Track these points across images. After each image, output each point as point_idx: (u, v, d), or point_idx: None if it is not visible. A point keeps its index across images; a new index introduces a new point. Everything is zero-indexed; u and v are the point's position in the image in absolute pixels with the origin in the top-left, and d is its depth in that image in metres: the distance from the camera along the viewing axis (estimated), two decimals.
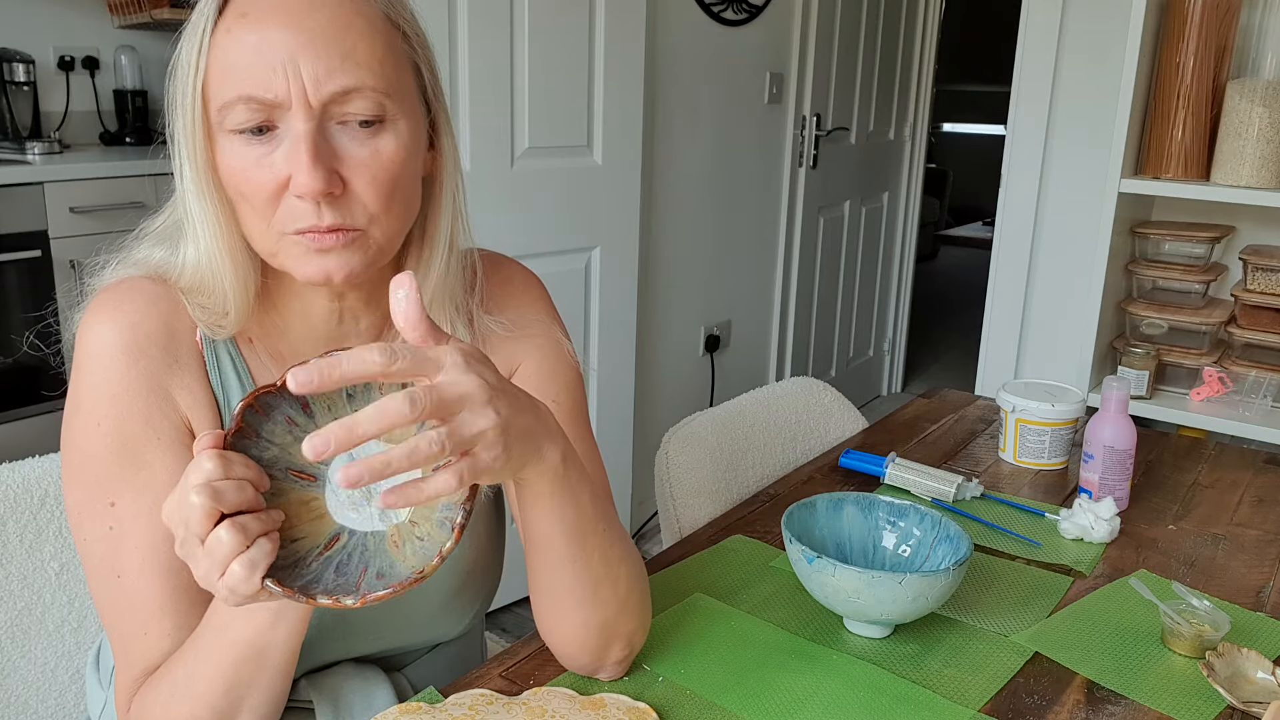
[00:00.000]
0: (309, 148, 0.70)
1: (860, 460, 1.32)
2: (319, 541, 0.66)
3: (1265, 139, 1.87)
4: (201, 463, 0.61)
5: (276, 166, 0.71)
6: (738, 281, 3.25)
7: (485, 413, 0.62)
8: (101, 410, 0.76)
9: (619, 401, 2.61)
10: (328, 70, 0.70)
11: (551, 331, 0.93)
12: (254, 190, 0.72)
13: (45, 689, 1.01)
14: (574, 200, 2.36)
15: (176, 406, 0.79)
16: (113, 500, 0.76)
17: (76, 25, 2.78)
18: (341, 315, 0.83)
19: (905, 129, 4.09)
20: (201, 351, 0.80)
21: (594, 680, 0.85)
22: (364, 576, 0.66)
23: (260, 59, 0.70)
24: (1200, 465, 1.40)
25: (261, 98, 0.70)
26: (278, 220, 0.73)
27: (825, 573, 0.88)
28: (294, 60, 0.70)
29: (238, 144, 0.72)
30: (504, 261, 0.95)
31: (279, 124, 0.71)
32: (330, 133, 0.72)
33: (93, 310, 0.78)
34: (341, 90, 0.71)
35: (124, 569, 0.76)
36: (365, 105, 0.72)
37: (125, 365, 0.76)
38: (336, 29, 0.71)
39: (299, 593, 0.64)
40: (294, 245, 0.74)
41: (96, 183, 2.28)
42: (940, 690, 0.86)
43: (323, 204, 0.72)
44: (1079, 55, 2.37)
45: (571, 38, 2.26)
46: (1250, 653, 0.88)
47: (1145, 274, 2.12)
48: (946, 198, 7.70)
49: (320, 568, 0.66)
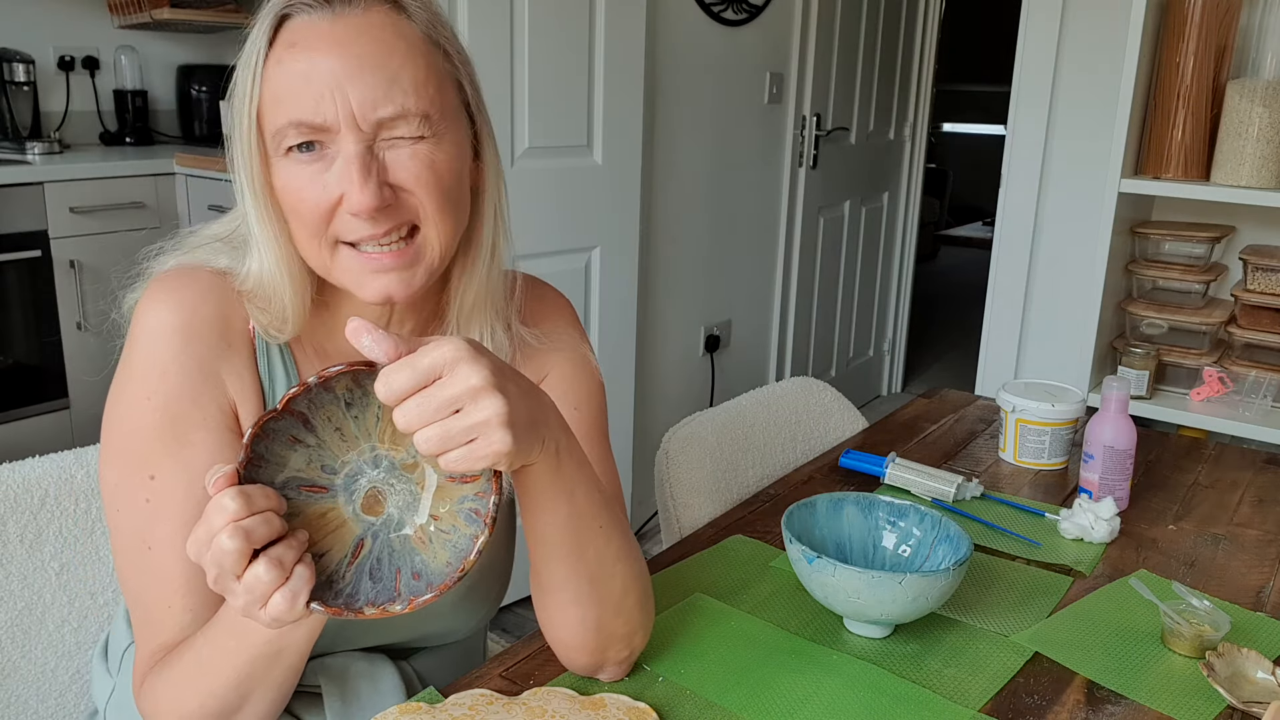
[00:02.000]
0: (359, 166, 0.73)
1: (860, 460, 1.32)
2: (345, 551, 0.67)
3: (1265, 139, 1.87)
4: (224, 503, 0.61)
5: (330, 185, 0.74)
6: (738, 281, 3.25)
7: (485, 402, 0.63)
8: (152, 385, 0.79)
9: (619, 401, 2.61)
10: (374, 97, 0.73)
11: (580, 347, 0.96)
12: (308, 208, 0.75)
13: (45, 689, 1.01)
14: (574, 200, 2.36)
15: (225, 391, 0.81)
16: (153, 474, 0.78)
17: (76, 25, 2.78)
18: (389, 321, 0.86)
19: (905, 129, 4.09)
20: (253, 341, 0.83)
21: (594, 680, 0.85)
22: (400, 579, 0.67)
23: (309, 86, 0.73)
24: (1200, 465, 1.40)
25: (311, 122, 0.73)
26: (330, 233, 0.76)
27: (825, 573, 0.88)
28: (341, 87, 0.73)
29: (291, 164, 0.75)
30: (540, 283, 1.00)
31: (329, 145, 0.74)
32: (378, 149, 0.75)
33: (151, 292, 0.81)
34: (389, 116, 0.74)
35: (155, 541, 0.78)
36: (411, 128, 0.75)
37: (180, 345, 0.79)
38: (381, 54, 0.74)
39: (345, 609, 0.65)
40: (352, 261, 0.77)
41: (96, 183, 2.28)
42: (940, 690, 0.86)
43: (381, 216, 0.75)
44: (1079, 55, 2.37)
45: (571, 38, 2.26)
46: (1250, 653, 0.88)
47: (1145, 274, 2.12)
48: (946, 198, 7.70)
49: (355, 578, 0.67)
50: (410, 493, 0.69)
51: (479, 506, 0.68)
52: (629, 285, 2.56)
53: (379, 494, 0.68)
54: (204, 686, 0.74)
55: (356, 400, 0.66)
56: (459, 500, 0.68)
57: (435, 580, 0.67)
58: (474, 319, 0.86)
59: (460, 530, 0.68)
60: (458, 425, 0.63)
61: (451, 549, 0.68)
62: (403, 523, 0.69)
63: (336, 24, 0.74)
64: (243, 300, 0.82)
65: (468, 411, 0.63)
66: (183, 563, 0.78)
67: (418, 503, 0.69)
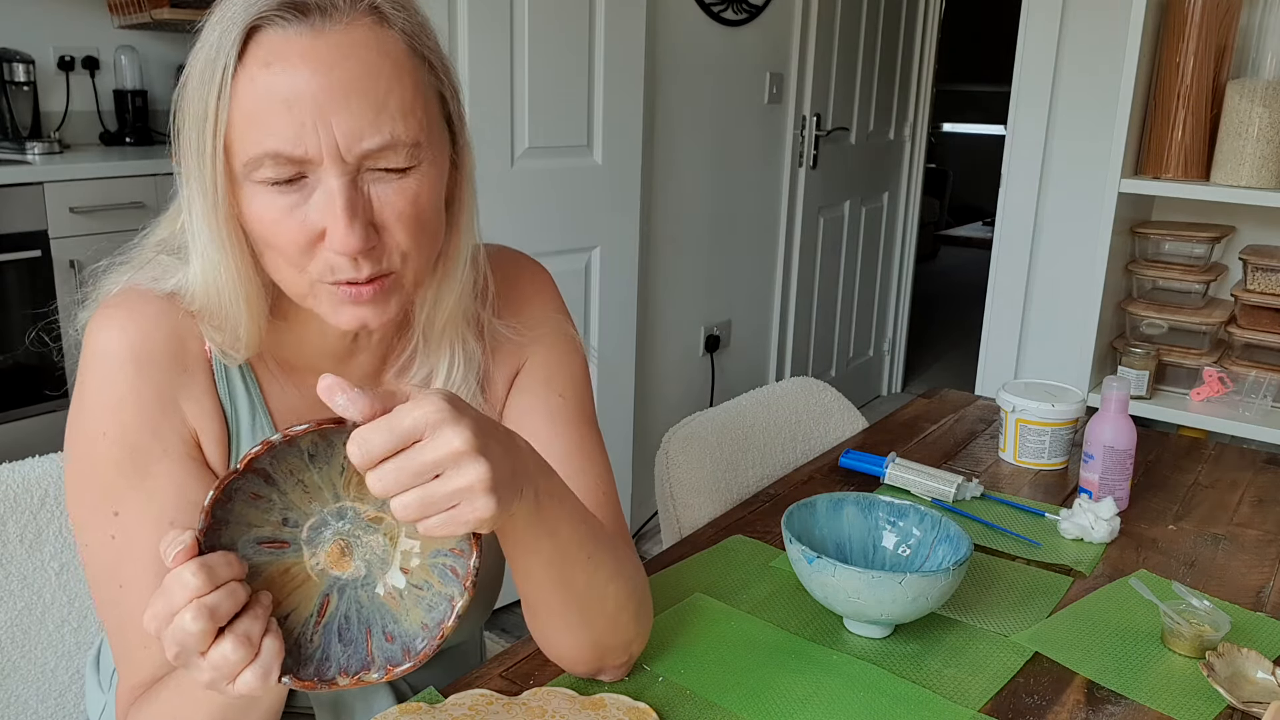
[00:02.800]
0: (345, 205, 0.68)
1: (860, 460, 1.32)
2: (311, 610, 0.64)
3: (1265, 139, 1.87)
4: (184, 578, 0.57)
5: (310, 219, 0.69)
6: (738, 281, 3.25)
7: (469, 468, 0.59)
8: (108, 419, 0.75)
9: (619, 401, 2.61)
10: (360, 126, 0.67)
11: (562, 327, 0.92)
12: (286, 242, 0.70)
13: (45, 689, 1.01)
14: (574, 200, 2.36)
15: (184, 418, 0.78)
16: (116, 510, 0.76)
17: (76, 25, 2.78)
18: (357, 334, 0.82)
19: (905, 129, 4.09)
20: (211, 363, 0.79)
21: (594, 680, 0.85)
22: (371, 640, 0.64)
23: (290, 114, 0.66)
24: (1200, 465, 1.40)
25: (291, 155, 0.67)
26: (313, 270, 0.71)
27: (825, 573, 0.88)
28: (325, 116, 0.66)
29: (265, 194, 0.69)
30: (510, 259, 0.93)
31: (309, 174, 0.69)
32: (362, 181, 0.70)
33: (102, 316, 0.77)
34: (376, 148, 0.68)
35: (126, 579, 0.76)
36: (398, 159, 0.69)
37: (133, 374, 0.75)
38: (368, 78, 0.67)
39: (318, 681, 0.62)
40: (330, 294, 0.72)
41: (96, 183, 2.28)
42: (940, 690, 0.86)
43: (362, 258, 0.70)
44: (1079, 55, 2.37)
45: (571, 38, 2.26)
46: (1250, 653, 0.88)
47: (1145, 274, 2.12)
48: (946, 198, 7.70)
49: (324, 640, 0.64)
50: (378, 545, 0.65)
51: (456, 565, 0.64)
52: (629, 285, 2.56)
53: (345, 547, 0.64)
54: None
55: (320, 452, 0.62)
56: (432, 554, 0.65)
57: (410, 643, 0.64)
58: (445, 332, 0.82)
59: (434, 588, 0.64)
60: (439, 491, 0.59)
61: (425, 608, 0.64)
62: (371, 578, 0.65)
63: (318, 41, 0.67)
64: (195, 321, 0.77)
65: (449, 476, 0.59)
66: None
67: (387, 557, 0.65)
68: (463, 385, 0.85)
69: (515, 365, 0.90)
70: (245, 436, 0.81)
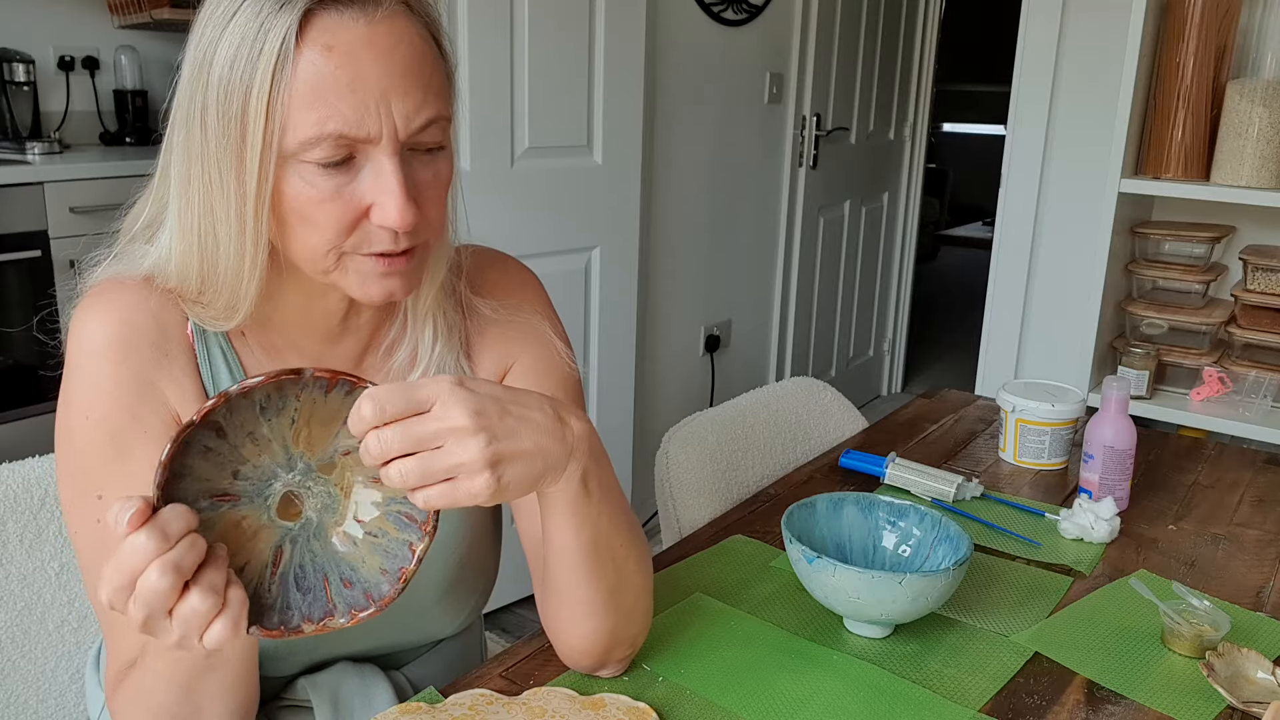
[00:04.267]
0: (401, 183, 0.71)
1: (860, 460, 1.32)
2: (265, 561, 0.64)
3: (1265, 139, 1.87)
4: (138, 543, 0.57)
5: (359, 195, 0.71)
6: (738, 281, 3.25)
7: (469, 443, 0.62)
8: (90, 403, 0.77)
9: (619, 401, 2.61)
10: (416, 106, 0.71)
11: (548, 333, 0.93)
12: (329, 220, 0.71)
13: (45, 689, 1.01)
14: (574, 200, 2.36)
15: (165, 401, 0.79)
16: (100, 493, 0.77)
17: (76, 25, 2.77)
18: (347, 313, 0.84)
19: (905, 129, 4.09)
20: (193, 345, 0.81)
21: (594, 680, 0.85)
22: (329, 587, 0.65)
23: (355, 97, 0.69)
24: (1200, 465, 1.40)
25: (355, 135, 0.69)
26: (349, 244, 0.73)
27: (825, 573, 0.88)
28: (386, 99, 0.69)
29: (312, 174, 0.71)
30: (498, 255, 0.96)
31: (359, 155, 0.71)
32: (406, 160, 0.73)
33: (84, 307, 0.79)
34: (427, 122, 0.72)
35: None
36: (438, 135, 0.74)
37: (115, 360, 0.77)
38: (417, 62, 0.71)
39: (284, 629, 0.62)
40: (362, 265, 0.74)
41: (96, 183, 2.28)
42: (940, 690, 0.86)
43: (402, 232, 0.73)
44: (1079, 55, 2.37)
45: (571, 38, 2.26)
46: (1250, 653, 0.88)
47: (1145, 274, 2.12)
48: (946, 198, 7.69)
49: (281, 590, 0.64)
50: (329, 495, 0.66)
51: (413, 513, 0.65)
52: (629, 285, 2.56)
53: (295, 497, 0.65)
54: (158, 699, 0.72)
55: (272, 404, 0.63)
56: (386, 503, 0.66)
57: (372, 589, 0.64)
58: (427, 305, 0.85)
59: (390, 535, 0.65)
60: (438, 464, 0.62)
61: (384, 554, 0.65)
62: (323, 526, 0.66)
63: (373, 28, 0.69)
64: (177, 301, 0.78)
65: (449, 450, 0.62)
66: None
67: (337, 506, 0.66)
68: (446, 353, 0.87)
69: (503, 362, 0.91)
70: None
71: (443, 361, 0.87)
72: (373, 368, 0.87)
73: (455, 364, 0.88)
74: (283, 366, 0.62)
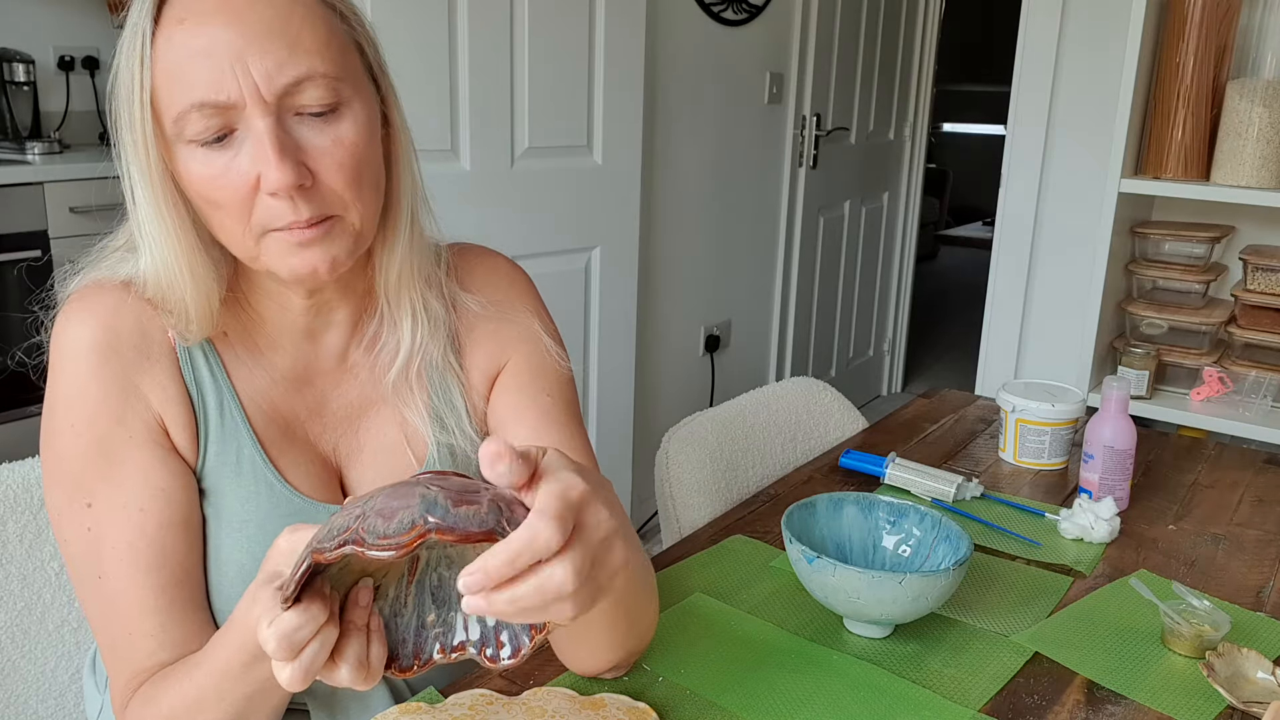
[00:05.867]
0: (273, 143, 0.69)
1: (860, 460, 1.32)
2: (400, 570, 0.63)
3: (1265, 139, 1.87)
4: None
5: (244, 169, 0.71)
6: (738, 281, 3.25)
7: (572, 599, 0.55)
8: (74, 410, 0.77)
9: (619, 401, 2.61)
10: (278, 63, 0.69)
11: (535, 328, 0.92)
12: (226, 196, 0.71)
13: (45, 689, 1.01)
14: (574, 200, 2.36)
15: (149, 404, 0.78)
16: (89, 501, 0.76)
17: (76, 25, 2.78)
18: (319, 308, 0.83)
19: (905, 129, 4.09)
20: (175, 349, 0.80)
21: (594, 680, 0.85)
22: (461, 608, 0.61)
23: (208, 62, 0.68)
24: (1200, 465, 1.40)
25: (215, 101, 0.69)
26: (255, 222, 0.73)
27: (825, 573, 0.88)
28: (241, 59, 0.69)
29: (200, 154, 0.71)
30: (489, 251, 0.96)
31: (237, 126, 0.71)
32: (290, 126, 0.71)
33: (64, 313, 0.78)
34: (294, 81, 0.70)
35: (104, 570, 0.76)
36: (319, 94, 0.71)
37: (97, 365, 0.77)
38: (279, 20, 0.70)
39: (419, 667, 0.61)
40: (275, 243, 0.73)
41: (96, 183, 2.28)
42: (940, 690, 0.86)
43: (297, 198, 0.71)
44: (1079, 55, 2.37)
45: (571, 38, 2.26)
46: (1250, 653, 0.88)
47: (1145, 274, 2.12)
48: (946, 198, 7.69)
49: (417, 602, 0.62)
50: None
51: None
52: (629, 285, 2.56)
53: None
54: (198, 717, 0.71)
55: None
56: None
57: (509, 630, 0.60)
58: (403, 292, 0.84)
59: None
60: (529, 603, 0.53)
61: None
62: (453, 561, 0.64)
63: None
64: (154, 308, 0.79)
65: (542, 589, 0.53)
66: (136, 588, 0.76)
67: None
68: (431, 345, 0.87)
69: (495, 360, 0.91)
70: (213, 421, 0.81)
71: (428, 354, 0.87)
72: (358, 362, 0.87)
73: (442, 357, 0.88)
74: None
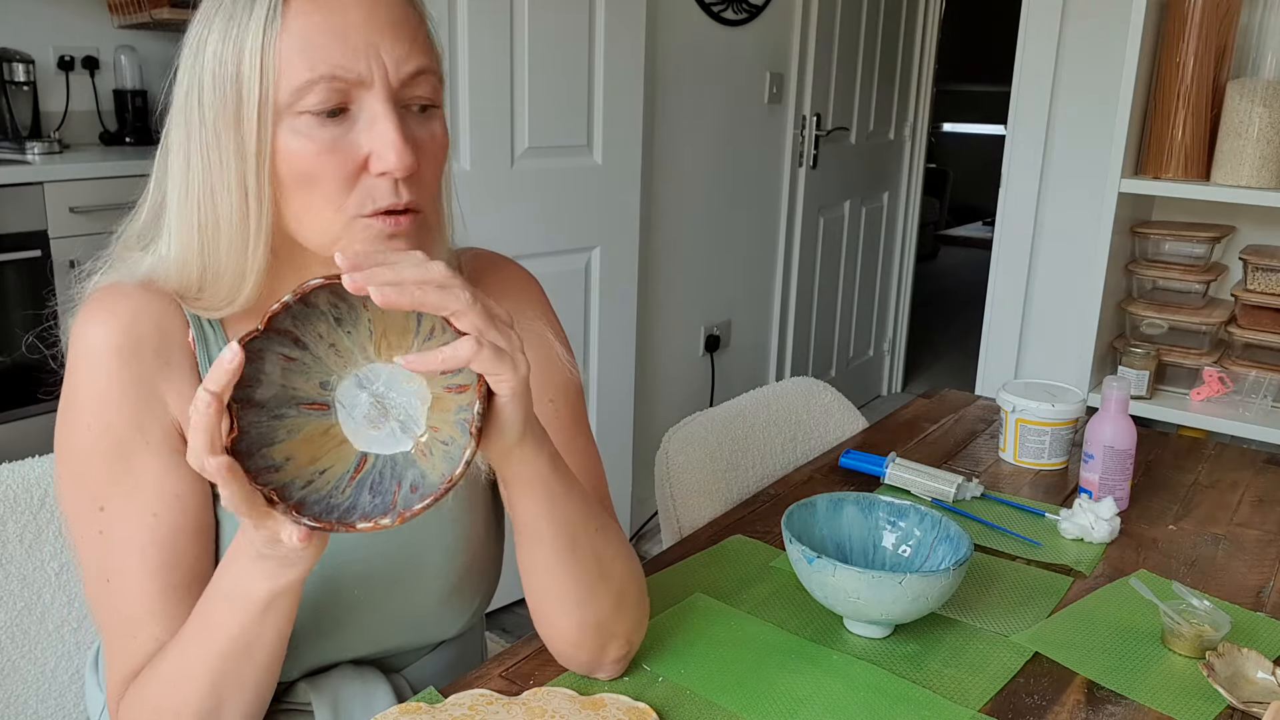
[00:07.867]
0: (397, 125, 0.72)
1: (860, 460, 1.32)
2: (348, 467, 0.67)
3: (1265, 139, 1.87)
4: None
5: (356, 146, 0.73)
6: (738, 281, 3.25)
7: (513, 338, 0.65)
8: (92, 413, 0.76)
9: (619, 401, 2.61)
10: (406, 53, 0.73)
11: (546, 334, 0.93)
12: (329, 173, 0.72)
13: (45, 689, 1.01)
14: (574, 200, 2.36)
15: (167, 409, 0.78)
16: (102, 504, 0.76)
17: (76, 25, 2.77)
18: None
19: (905, 129, 4.09)
20: (194, 353, 0.80)
21: (594, 680, 0.85)
22: (399, 492, 0.66)
23: (343, 40, 0.71)
24: (1200, 465, 1.40)
25: (345, 77, 0.71)
26: (352, 203, 0.73)
27: (825, 573, 0.88)
28: (374, 44, 0.72)
29: (308, 127, 0.72)
30: (503, 258, 0.97)
31: (353, 105, 0.72)
32: (401, 115, 0.74)
33: (85, 313, 0.78)
34: (416, 71, 0.74)
35: (112, 573, 0.76)
36: (428, 90, 0.75)
37: (116, 367, 0.76)
38: (403, 15, 0.74)
39: (337, 524, 0.64)
40: (364, 229, 0.74)
41: (96, 183, 2.28)
42: (940, 690, 0.86)
43: (401, 183, 0.73)
44: (1079, 55, 2.37)
45: (571, 38, 2.26)
46: (1250, 653, 0.88)
47: (1145, 274, 2.12)
48: (946, 198, 7.69)
49: (354, 493, 0.66)
50: (411, 405, 0.68)
51: (469, 416, 0.67)
52: (629, 285, 2.56)
53: (382, 407, 0.68)
54: (178, 695, 0.72)
55: (345, 315, 0.65)
56: (456, 411, 0.68)
57: (428, 492, 0.66)
58: None
59: (457, 441, 0.67)
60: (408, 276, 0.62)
61: (447, 460, 0.67)
62: (405, 435, 0.68)
63: None
64: (178, 306, 0.79)
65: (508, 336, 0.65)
66: (142, 595, 0.76)
67: (418, 415, 0.68)
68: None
69: None
70: None
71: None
72: None
73: None
74: None
